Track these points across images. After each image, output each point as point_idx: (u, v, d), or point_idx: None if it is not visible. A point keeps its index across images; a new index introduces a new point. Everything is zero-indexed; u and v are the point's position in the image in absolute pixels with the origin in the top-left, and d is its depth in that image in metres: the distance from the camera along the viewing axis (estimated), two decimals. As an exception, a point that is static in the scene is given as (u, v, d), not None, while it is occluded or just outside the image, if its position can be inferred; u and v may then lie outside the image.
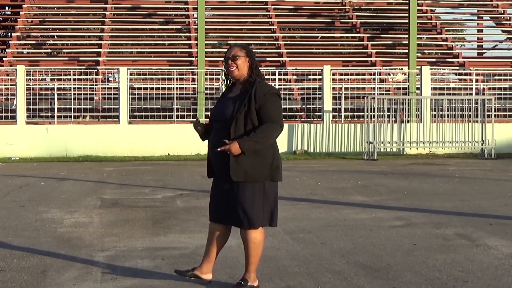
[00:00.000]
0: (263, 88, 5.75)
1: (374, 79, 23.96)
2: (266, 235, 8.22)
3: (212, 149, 5.83)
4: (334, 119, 22.08)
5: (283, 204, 10.91)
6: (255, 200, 5.72)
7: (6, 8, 34.22)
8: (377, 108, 20.18)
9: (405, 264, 6.84)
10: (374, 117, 20.15)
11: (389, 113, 20.55)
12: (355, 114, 23.00)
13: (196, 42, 24.10)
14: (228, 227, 5.99)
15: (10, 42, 28.14)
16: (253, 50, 6.02)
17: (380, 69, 25.67)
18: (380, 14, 31.60)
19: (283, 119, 5.86)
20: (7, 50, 27.89)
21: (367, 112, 20.27)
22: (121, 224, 9.18)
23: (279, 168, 5.82)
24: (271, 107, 5.71)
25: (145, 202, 11.31)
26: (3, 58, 27.01)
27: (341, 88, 22.57)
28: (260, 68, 5.92)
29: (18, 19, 29.63)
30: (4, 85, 23.49)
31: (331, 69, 22.24)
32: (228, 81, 5.97)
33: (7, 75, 24.12)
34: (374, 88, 23.42)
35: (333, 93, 22.19)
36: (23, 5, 30.31)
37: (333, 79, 22.65)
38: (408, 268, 6.67)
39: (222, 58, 6.05)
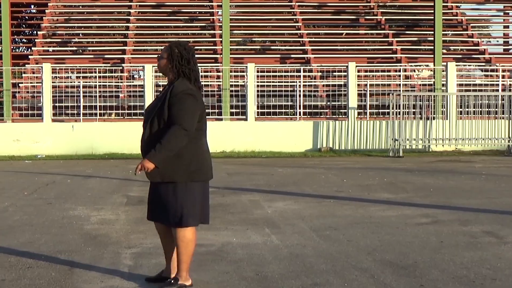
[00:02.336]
0: (178, 87, 5.65)
1: (400, 75, 23.85)
2: (292, 233, 8.27)
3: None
4: (359, 116, 22.02)
5: (309, 201, 10.92)
6: (179, 199, 5.68)
7: (32, 6, 34.51)
8: (403, 105, 20.09)
9: (432, 261, 6.80)
10: (399, 114, 20.05)
11: (414, 110, 20.44)
12: (380, 111, 22.92)
13: (221, 39, 24.12)
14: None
15: (36, 40, 28.34)
16: (185, 49, 5.74)
17: (406, 66, 25.55)
18: (405, 11, 31.48)
19: (191, 121, 5.59)
20: (33, 48, 28.12)
21: (393, 109, 20.19)
22: (147, 222, 9.10)
23: (201, 169, 5.72)
24: (180, 107, 5.57)
25: (170, 199, 11.31)
26: (29, 56, 27.23)
27: (366, 85, 22.50)
28: (188, 68, 5.72)
29: (43, 18, 29.89)
30: (30, 83, 23.69)
31: (356, 66, 22.18)
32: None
33: (33, 73, 24.34)
34: (400, 84, 23.32)
35: (358, 90, 22.13)
36: (48, 4, 30.56)
37: (358, 76, 22.59)
38: (435, 266, 6.63)
39: (247, 56, 6.02)
